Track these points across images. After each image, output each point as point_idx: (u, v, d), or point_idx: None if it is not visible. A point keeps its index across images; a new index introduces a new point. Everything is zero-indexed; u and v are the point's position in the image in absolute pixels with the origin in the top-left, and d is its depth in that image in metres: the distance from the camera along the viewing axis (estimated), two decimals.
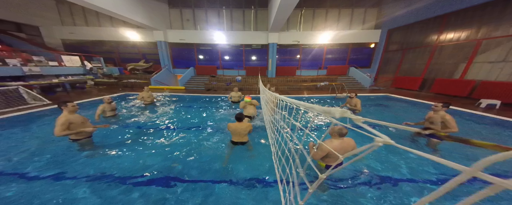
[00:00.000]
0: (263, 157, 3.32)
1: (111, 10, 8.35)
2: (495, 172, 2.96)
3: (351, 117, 0.65)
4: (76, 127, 2.90)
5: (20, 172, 2.86)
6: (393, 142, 0.54)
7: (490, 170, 2.96)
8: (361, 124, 0.65)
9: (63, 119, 2.78)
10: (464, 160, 3.35)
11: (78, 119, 2.97)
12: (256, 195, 2.49)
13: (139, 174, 2.87)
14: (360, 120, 0.65)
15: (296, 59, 15.04)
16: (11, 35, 12.18)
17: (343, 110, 0.66)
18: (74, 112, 3.00)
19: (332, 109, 0.71)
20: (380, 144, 0.55)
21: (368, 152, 0.60)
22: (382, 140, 0.55)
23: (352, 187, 2.63)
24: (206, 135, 4.43)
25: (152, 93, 7.27)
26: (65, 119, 2.78)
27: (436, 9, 9.79)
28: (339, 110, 0.67)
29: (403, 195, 2.49)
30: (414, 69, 11.62)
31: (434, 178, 2.84)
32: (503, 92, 7.14)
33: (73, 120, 2.89)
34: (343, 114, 0.67)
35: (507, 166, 3.04)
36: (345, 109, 0.68)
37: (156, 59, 14.71)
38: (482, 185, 2.60)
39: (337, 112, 0.68)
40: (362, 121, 0.65)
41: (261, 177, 2.83)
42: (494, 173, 2.94)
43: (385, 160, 3.27)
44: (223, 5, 13.82)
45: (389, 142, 0.54)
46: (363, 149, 0.62)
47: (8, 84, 7.33)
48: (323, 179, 0.83)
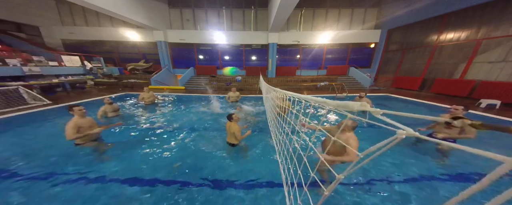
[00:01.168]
0: (258, 160, 3.31)
1: (111, 10, 8.33)
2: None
3: (370, 110, 0.64)
4: (84, 130, 2.99)
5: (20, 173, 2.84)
6: (417, 134, 0.53)
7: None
8: (380, 116, 0.64)
9: (72, 123, 2.89)
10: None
11: (86, 123, 3.07)
12: (254, 196, 2.48)
13: (139, 175, 2.85)
14: (379, 112, 0.64)
15: (296, 59, 15.04)
16: (11, 35, 12.12)
17: (362, 103, 0.65)
18: (83, 116, 3.07)
19: (349, 103, 0.70)
20: (403, 136, 0.54)
21: (391, 146, 0.59)
22: (405, 132, 0.54)
23: (354, 186, 2.61)
24: (206, 135, 4.41)
25: (153, 93, 7.22)
26: (74, 124, 2.89)
27: (436, 9, 9.81)
28: (358, 103, 0.66)
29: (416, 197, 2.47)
30: (414, 69, 11.64)
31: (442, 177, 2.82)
32: (503, 92, 7.16)
33: (82, 124, 2.99)
34: (362, 107, 0.66)
35: None
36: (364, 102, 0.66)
37: (156, 59, 14.68)
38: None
39: (355, 105, 0.67)
40: (381, 113, 0.64)
41: (257, 180, 2.79)
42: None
43: (389, 158, 3.24)
44: (223, 5, 13.81)
45: (413, 134, 0.53)
46: (384, 143, 0.60)
47: (8, 84, 7.29)
48: (341, 179, 0.80)
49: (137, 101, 7.45)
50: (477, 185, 0.40)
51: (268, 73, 14.64)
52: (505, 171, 0.37)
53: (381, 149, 0.61)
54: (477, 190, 0.41)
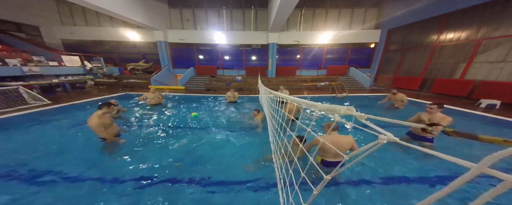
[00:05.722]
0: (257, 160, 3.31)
1: (111, 10, 8.34)
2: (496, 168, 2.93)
3: (355, 115, 0.65)
4: (108, 126, 3.36)
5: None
6: (398, 139, 0.53)
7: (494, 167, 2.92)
8: (364, 121, 0.65)
9: (99, 120, 3.19)
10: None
11: (108, 121, 3.38)
12: (254, 195, 2.49)
13: (139, 175, 2.86)
14: (363, 117, 0.65)
15: (296, 59, 15.04)
16: (11, 35, 12.17)
17: (348, 107, 0.66)
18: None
19: (336, 107, 0.71)
20: (384, 141, 0.55)
21: (373, 150, 0.60)
22: (386, 137, 0.55)
23: (347, 185, 2.62)
24: (205, 135, 4.42)
25: (159, 94, 6.98)
26: (100, 121, 3.19)
27: (436, 9, 9.79)
28: (344, 107, 0.67)
29: (400, 195, 2.48)
30: (414, 69, 11.62)
31: (433, 177, 2.83)
32: (503, 92, 7.14)
33: (106, 121, 3.32)
34: (348, 112, 0.66)
35: (507, 162, 3.01)
36: (351, 106, 0.67)
37: (156, 59, 14.70)
38: (484, 184, 2.58)
39: (341, 109, 0.68)
40: (365, 118, 0.65)
41: (255, 179, 2.79)
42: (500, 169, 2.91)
43: (379, 159, 3.24)
44: (223, 5, 13.82)
45: (393, 139, 0.53)
46: (367, 148, 0.61)
47: (8, 84, 7.31)
48: (328, 180, 0.82)
49: (138, 100, 7.38)
50: (443, 190, 0.41)
51: (268, 73, 14.64)
52: (470, 177, 0.38)
53: (364, 153, 0.61)
54: (443, 195, 0.42)
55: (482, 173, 0.37)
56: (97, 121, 3.12)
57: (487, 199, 0.38)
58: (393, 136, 0.54)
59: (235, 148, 3.73)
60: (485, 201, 0.39)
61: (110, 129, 3.40)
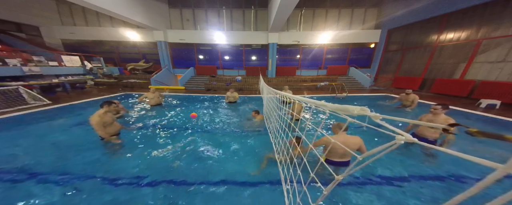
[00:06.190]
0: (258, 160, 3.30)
1: (111, 10, 8.32)
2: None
3: (370, 115, 0.64)
4: (108, 125, 3.39)
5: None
6: (416, 140, 0.53)
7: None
8: (379, 121, 0.64)
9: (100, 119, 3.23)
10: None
11: (110, 119, 3.44)
12: (254, 195, 2.48)
13: (138, 175, 2.85)
14: (379, 117, 0.64)
15: (296, 59, 15.04)
16: (11, 35, 12.12)
17: (362, 107, 0.66)
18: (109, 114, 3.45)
19: (349, 107, 0.71)
20: (402, 142, 0.55)
21: (390, 150, 0.60)
22: (404, 137, 0.55)
23: (347, 185, 2.61)
24: (205, 135, 4.41)
25: (159, 94, 6.92)
26: (101, 119, 3.22)
27: (436, 9, 9.81)
28: (358, 108, 0.66)
29: (401, 196, 2.47)
30: (414, 69, 11.64)
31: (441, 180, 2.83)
32: (503, 92, 7.16)
33: (107, 120, 3.35)
34: (361, 112, 0.66)
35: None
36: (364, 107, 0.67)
37: (156, 59, 14.68)
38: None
39: (355, 110, 0.67)
40: (381, 118, 0.65)
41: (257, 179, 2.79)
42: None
43: (379, 159, 3.22)
44: (223, 5, 13.80)
45: (412, 140, 0.53)
46: (383, 147, 0.61)
47: (8, 84, 7.28)
48: (339, 180, 0.81)
49: (138, 101, 7.34)
50: (470, 190, 0.41)
51: (268, 73, 14.64)
52: (497, 178, 0.38)
53: (380, 153, 0.61)
54: (470, 195, 0.41)
55: (508, 173, 0.36)
56: (97, 119, 3.15)
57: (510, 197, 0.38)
58: (411, 137, 0.53)
59: (234, 148, 3.72)
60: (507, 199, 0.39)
61: (110, 128, 3.40)
